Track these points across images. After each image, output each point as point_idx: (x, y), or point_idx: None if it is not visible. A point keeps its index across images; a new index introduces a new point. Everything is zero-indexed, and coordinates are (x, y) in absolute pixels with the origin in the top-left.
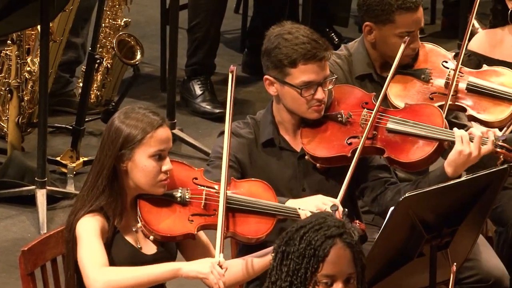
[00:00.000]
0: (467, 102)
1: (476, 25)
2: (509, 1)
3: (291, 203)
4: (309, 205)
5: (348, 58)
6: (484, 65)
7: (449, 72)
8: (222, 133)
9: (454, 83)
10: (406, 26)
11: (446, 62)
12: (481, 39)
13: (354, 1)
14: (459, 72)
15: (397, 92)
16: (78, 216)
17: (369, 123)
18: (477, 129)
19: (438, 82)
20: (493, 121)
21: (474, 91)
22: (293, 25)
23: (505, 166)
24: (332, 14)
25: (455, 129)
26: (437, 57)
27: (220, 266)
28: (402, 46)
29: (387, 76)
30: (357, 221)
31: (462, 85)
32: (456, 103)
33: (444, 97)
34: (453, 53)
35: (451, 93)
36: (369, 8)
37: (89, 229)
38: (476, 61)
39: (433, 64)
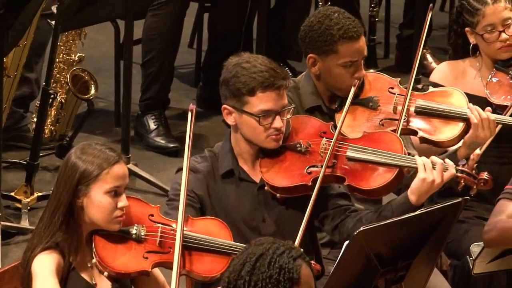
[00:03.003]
0: (417, 125)
1: (430, 59)
2: (471, 35)
3: None
4: None
5: (297, 91)
6: (430, 87)
7: (396, 97)
8: (180, 169)
9: (406, 107)
10: (350, 56)
11: (392, 88)
12: (443, 71)
13: None
14: (406, 96)
15: (347, 123)
16: (34, 252)
17: (328, 152)
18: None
19: (387, 108)
20: (444, 140)
21: (423, 113)
22: (251, 55)
23: (460, 199)
24: (286, 49)
25: (416, 156)
26: (383, 84)
27: None
28: (353, 89)
29: (335, 108)
30: (312, 262)
31: (411, 109)
32: (407, 127)
33: (394, 122)
34: (399, 79)
35: (403, 117)
36: (312, 40)
37: (45, 268)
38: None
39: (379, 91)
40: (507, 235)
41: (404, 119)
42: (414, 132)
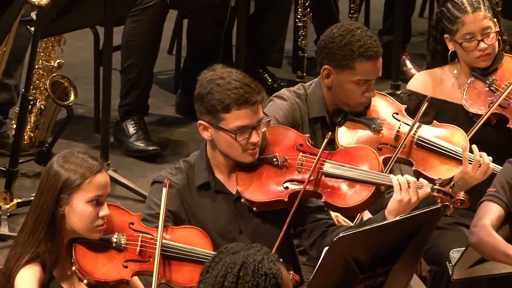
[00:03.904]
0: (414, 157)
1: (409, 65)
2: (449, 42)
3: None
4: None
5: (306, 97)
6: (435, 121)
7: (400, 125)
8: (155, 182)
9: (406, 139)
10: (365, 74)
11: (397, 114)
12: (420, 80)
13: (287, 42)
14: (408, 125)
15: (347, 139)
16: (18, 263)
17: (310, 171)
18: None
19: (388, 134)
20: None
21: (423, 147)
22: (225, 69)
23: (439, 205)
24: (265, 55)
25: (391, 176)
26: (389, 107)
27: None
28: (325, 141)
29: (338, 121)
30: (292, 272)
31: (412, 140)
32: (404, 156)
33: (392, 149)
34: (405, 106)
35: (401, 147)
36: (330, 52)
37: (27, 285)
38: (416, 100)
39: (384, 115)
40: (483, 249)
41: (402, 148)
42: (410, 163)
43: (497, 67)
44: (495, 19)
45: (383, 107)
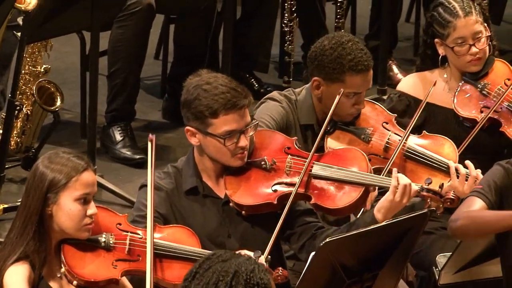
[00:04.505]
0: (403, 168)
1: (396, 70)
2: (440, 46)
3: None
4: None
5: (296, 104)
6: (424, 131)
7: (390, 135)
8: (143, 186)
9: (397, 152)
10: (355, 88)
11: (387, 123)
12: (411, 82)
13: (274, 47)
14: (398, 135)
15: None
16: (7, 263)
17: (302, 172)
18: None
19: (378, 144)
20: None
21: (412, 158)
22: (211, 74)
23: (425, 210)
24: (252, 60)
25: (393, 174)
26: (378, 116)
27: None
28: (337, 97)
29: (327, 130)
30: (280, 268)
31: (401, 151)
32: (393, 168)
33: (381, 160)
34: (395, 115)
35: (392, 159)
36: (320, 64)
37: (17, 280)
38: (406, 101)
39: (374, 124)
40: (477, 223)
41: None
42: None
43: (488, 72)
44: (485, 24)
45: (373, 116)
